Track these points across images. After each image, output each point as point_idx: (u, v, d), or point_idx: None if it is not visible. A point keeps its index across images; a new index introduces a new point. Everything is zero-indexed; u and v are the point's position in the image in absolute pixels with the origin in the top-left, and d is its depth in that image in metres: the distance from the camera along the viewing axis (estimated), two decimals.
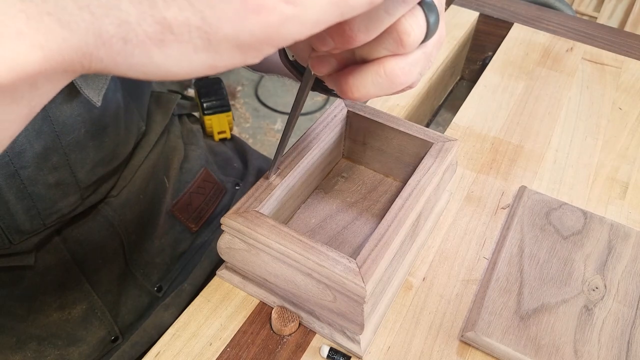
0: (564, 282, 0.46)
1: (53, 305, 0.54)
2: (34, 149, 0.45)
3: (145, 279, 0.59)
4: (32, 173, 0.45)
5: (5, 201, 0.45)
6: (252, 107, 2.01)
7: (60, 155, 0.47)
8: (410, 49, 0.28)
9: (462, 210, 0.54)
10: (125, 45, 0.20)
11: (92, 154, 0.50)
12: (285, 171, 0.44)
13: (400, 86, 0.30)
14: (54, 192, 0.48)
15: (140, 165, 0.61)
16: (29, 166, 0.45)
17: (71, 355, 0.53)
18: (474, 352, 0.43)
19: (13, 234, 0.47)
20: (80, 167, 0.49)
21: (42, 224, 0.49)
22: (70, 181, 0.49)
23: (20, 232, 0.48)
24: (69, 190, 0.49)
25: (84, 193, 0.51)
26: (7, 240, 0.47)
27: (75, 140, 0.47)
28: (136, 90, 0.58)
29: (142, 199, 0.61)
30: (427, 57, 0.30)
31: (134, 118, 0.56)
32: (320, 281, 0.38)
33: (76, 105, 0.47)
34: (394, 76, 0.29)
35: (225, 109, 0.78)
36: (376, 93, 0.30)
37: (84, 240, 0.56)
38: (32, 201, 0.47)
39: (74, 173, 0.49)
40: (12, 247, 0.49)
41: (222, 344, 0.42)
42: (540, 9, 0.87)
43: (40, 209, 0.48)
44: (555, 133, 0.64)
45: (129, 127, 0.55)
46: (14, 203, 0.46)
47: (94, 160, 0.50)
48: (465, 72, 0.89)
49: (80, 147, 0.48)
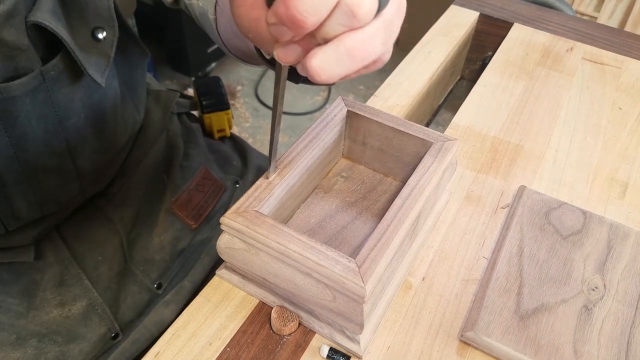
0: (564, 281, 0.46)
1: (53, 302, 0.54)
2: (35, 132, 0.45)
3: (145, 276, 0.59)
4: (31, 157, 0.45)
5: (3, 184, 0.45)
6: (252, 107, 2.01)
7: (60, 141, 0.47)
8: (364, 19, 0.28)
9: (462, 210, 0.54)
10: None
11: (90, 140, 0.50)
12: (285, 171, 0.44)
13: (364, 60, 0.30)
14: (53, 179, 0.48)
15: (139, 163, 0.61)
16: (28, 149, 0.45)
17: (71, 352, 0.53)
18: (473, 352, 0.43)
19: (9, 219, 0.47)
20: (80, 153, 0.49)
21: (39, 211, 0.49)
22: (69, 167, 0.49)
23: (16, 218, 0.48)
24: (67, 178, 0.49)
25: (83, 182, 0.52)
26: (2, 227, 0.47)
27: (75, 126, 0.48)
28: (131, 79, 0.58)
29: (142, 196, 0.61)
30: (388, 26, 0.30)
31: (129, 108, 0.57)
32: (319, 281, 0.38)
33: (77, 89, 0.47)
34: (354, 50, 0.29)
35: (224, 107, 0.78)
36: (342, 71, 0.30)
37: (83, 237, 0.56)
38: (30, 186, 0.47)
39: (73, 159, 0.49)
40: (10, 237, 0.49)
41: (221, 344, 0.42)
42: (540, 9, 0.87)
43: (38, 195, 0.48)
44: (555, 133, 0.64)
45: (125, 116, 0.55)
46: (12, 186, 0.46)
47: (93, 147, 0.51)
48: (465, 72, 0.89)
49: (79, 134, 0.49)
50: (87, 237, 0.56)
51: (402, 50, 0.86)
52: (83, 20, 0.45)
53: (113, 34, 0.47)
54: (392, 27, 0.30)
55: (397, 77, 0.70)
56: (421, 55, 0.75)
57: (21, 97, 0.42)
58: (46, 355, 0.52)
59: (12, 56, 0.41)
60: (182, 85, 2.03)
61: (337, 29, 0.28)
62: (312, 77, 0.30)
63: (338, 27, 0.28)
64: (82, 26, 0.45)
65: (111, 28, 0.47)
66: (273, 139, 0.40)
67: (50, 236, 0.56)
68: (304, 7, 0.26)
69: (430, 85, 0.73)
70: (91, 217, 0.56)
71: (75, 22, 0.45)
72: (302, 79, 0.39)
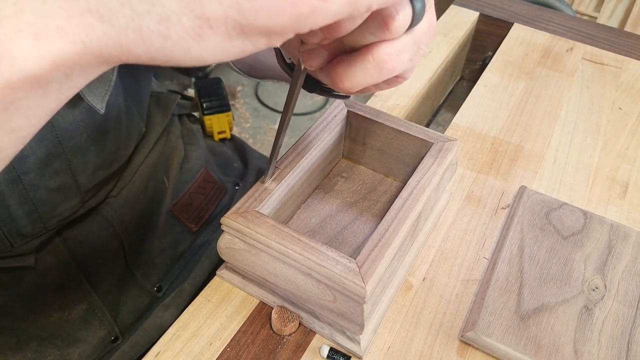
0: (564, 282, 0.46)
1: (53, 306, 0.54)
2: (36, 154, 0.45)
3: (145, 279, 0.59)
4: (34, 178, 0.45)
5: (7, 206, 0.45)
6: (252, 107, 2.01)
7: (62, 161, 0.47)
8: (396, 33, 0.28)
9: (462, 210, 0.54)
10: (164, 42, 0.21)
11: (93, 158, 0.50)
12: (285, 171, 0.44)
13: (390, 73, 0.30)
14: (55, 197, 0.48)
15: (140, 166, 0.61)
16: (31, 171, 0.45)
17: (71, 355, 0.53)
18: (474, 352, 0.43)
19: (14, 237, 0.47)
20: (82, 171, 0.49)
21: (42, 227, 0.49)
22: (71, 185, 0.49)
23: (22, 236, 0.48)
24: (70, 194, 0.49)
25: (85, 196, 0.51)
26: (8, 244, 0.47)
27: (77, 146, 0.47)
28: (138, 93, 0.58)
29: (142, 199, 0.61)
30: (416, 43, 0.30)
31: (135, 120, 0.56)
32: (320, 281, 0.38)
33: (78, 111, 0.46)
34: (382, 62, 0.29)
35: (225, 109, 0.78)
36: (366, 81, 0.30)
37: (84, 241, 0.56)
38: (34, 205, 0.47)
39: (75, 177, 0.49)
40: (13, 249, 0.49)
41: (222, 344, 0.42)
42: (540, 9, 0.87)
43: (42, 213, 0.48)
44: (555, 133, 0.64)
45: (130, 129, 0.55)
46: (16, 207, 0.46)
47: (95, 164, 0.50)
48: (465, 72, 0.89)
49: (81, 152, 0.48)
50: (87, 241, 0.56)
51: None
52: None
53: None
54: (421, 44, 0.30)
55: None
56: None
57: None
58: (46, 358, 0.52)
59: None
60: (182, 86, 2.03)
61: (368, 38, 0.28)
62: (335, 83, 0.30)
63: (369, 37, 0.28)
64: None
65: None
66: (277, 143, 0.40)
67: (51, 240, 0.56)
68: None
69: (431, 86, 0.73)
70: (91, 220, 0.56)
71: None
72: (316, 89, 0.39)
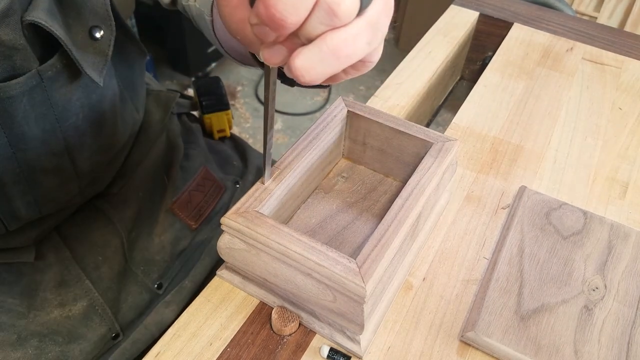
0: (564, 282, 0.46)
1: (53, 303, 0.54)
2: (33, 132, 0.45)
3: (146, 276, 0.59)
4: (30, 157, 0.45)
5: (2, 184, 0.45)
6: (252, 107, 2.01)
7: (59, 140, 0.47)
8: (346, 18, 0.28)
9: (462, 210, 0.54)
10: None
11: (89, 140, 0.50)
12: (285, 171, 0.44)
13: (349, 59, 0.29)
14: (52, 179, 0.48)
15: (139, 163, 0.61)
16: (27, 149, 0.45)
17: (72, 352, 0.53)
18: (474, 352, 0.43)
19: (8, 219, 0.47)
20: (79, 153, 0.49)
21: (38, 211, 0.49)
22: (67, 167, 0.49)
23: (16, 218, 0.48)
24: (66, 178, 0.49)
25: (82, 182, 0.52)
26: (2, 226, 0.47)
27: (73, 125, 0.48)
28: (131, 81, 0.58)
29: (142, 196, 0.61)
30: (373, 25, 0.29)
31: (128, 108, 0.57)
32: (320, 281, 0.38)
33: (75, 89, 0.47)
34: (337, 49, 0.28)
35: (224, 108, 0.78)
36: (327, 71, 0.30)
37: (83, 238, 0.56)
38: (29, 186, 0.47)
39: (72, 160, 0.49)
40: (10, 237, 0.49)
41: (222, 344, 0.42)
42: (540, 9, 0.87)
43: (37, 196, 0.48)
44: (555, 133, 0.64)
45: (124, 116, 0.55)
46: (11, 187, 0.46)
47: (92, 147, 0.51)
48: (465, 72, 0.89)
49: (78, 133, 0.48)
50: (87, 238, 0.56)
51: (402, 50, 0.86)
52: (80, 19, 0.45)
53: (110, 33, 0.47)
54: (378, 26, 0.30)
55: (397, 77, 0.70)
56: (421, 55, 0.75)
57: (19, 97, 0.42)
58: (47, 355, 0.52)
59: (8, 56, 0.41)
60: (182, 86, 2.03)
61: (319, 28, 0.28)
62: (297, 78, 0.30)
63: (320, 27, 0.28)
64: (79, 25, 0.45)
65: (108, 27, 0.47)
66: (266, 144, 0.40)
67: (51, 237, 0.56)
68: (283, 6, 0.26)
69: (431, 86, 0.73)
70: (91, 217, 0.56)
71: (72, 21, 0.45)
72: (294, 83, 0.39)
